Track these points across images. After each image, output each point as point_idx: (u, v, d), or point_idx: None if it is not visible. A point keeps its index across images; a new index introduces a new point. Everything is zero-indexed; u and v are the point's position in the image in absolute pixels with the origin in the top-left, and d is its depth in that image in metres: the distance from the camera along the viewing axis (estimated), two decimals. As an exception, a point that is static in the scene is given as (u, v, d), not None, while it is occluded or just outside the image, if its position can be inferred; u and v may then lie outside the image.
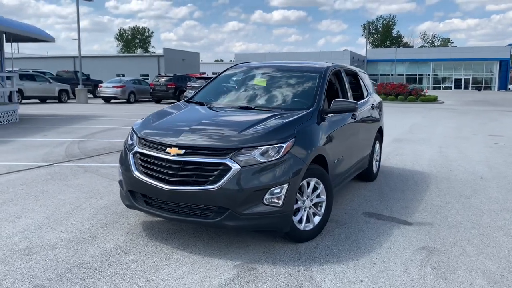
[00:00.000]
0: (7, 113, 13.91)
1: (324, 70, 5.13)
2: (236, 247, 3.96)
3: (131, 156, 4.08)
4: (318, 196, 4.22)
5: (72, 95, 27.12)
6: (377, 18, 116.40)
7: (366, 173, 6.42)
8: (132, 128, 4.35)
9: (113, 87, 26.15)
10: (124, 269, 3.50)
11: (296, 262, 3.71)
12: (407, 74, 72.26)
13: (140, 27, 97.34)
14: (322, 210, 4.27)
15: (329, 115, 4.64)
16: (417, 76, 72.56)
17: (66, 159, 7.95)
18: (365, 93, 6.40)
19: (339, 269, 3.60)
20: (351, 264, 3.71)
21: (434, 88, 69.43)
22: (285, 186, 3.68)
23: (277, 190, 3.67)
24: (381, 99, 7.41)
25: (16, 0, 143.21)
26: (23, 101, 23.65)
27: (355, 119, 5.36)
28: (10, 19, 15.38)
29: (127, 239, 4.10)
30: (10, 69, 20.04)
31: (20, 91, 22.83)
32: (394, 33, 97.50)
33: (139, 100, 27.89)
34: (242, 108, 4.65)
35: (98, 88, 27.29)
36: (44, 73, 29.21)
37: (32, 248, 3.87)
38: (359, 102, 5.71)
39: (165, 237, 4.16)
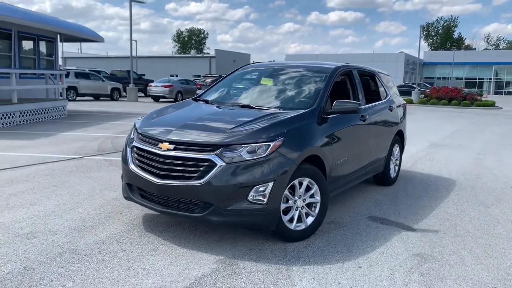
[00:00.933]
0: (56, 108, 14.78)
1: (331, 70, 5.07)
2: (224, 243, 4.02)
3: (129, 150, 4.25)
4: (312, 196, 4.19)
5: (124, 93, 28.27)
6: (437, 20, 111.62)
7: (382, 177, 6.25)
8: (134, 124, 4.53)
9: (162, 86, 27.01)
10: (111, 257, 3.66)
11: (279, 260, 3.71)
12: (466, 78, 68.95)
13: (196, 29, 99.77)
14: (316, 211, 4.23)
15: (331, 115, 4.59)
16: (477, 80, 69.03)
17: (96, 152, 8.36)
18: (383, 95, 6.24)
19: (321, 270, 3.56)
20: (335, 266, 3.66)
21: (496, 93, 65.77)
22: (270, 184, 3.70)
23: (262, 188, 3.69)
24: (405, 102, 7.18)
25: (84, 3, 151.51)
26: (78, 98, 24.96)
27: (364, 120, 5.26)
28: (64, 20, 16.35)
29: (124, 229, 4.28)
30: (66, 68, 21.22)
31: (74, 89, 24.17)
32: (456, 35, 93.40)
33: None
34: (243, 106, 4.70)
35: (148, 87, 28.28)
36: (98, 72, 30.66)
37: (34, 233, 4.13)
38: (370, 104, 5.59)
39: (160, 230, 4.29)
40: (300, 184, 4.07)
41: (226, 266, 3.56)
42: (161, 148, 3.86)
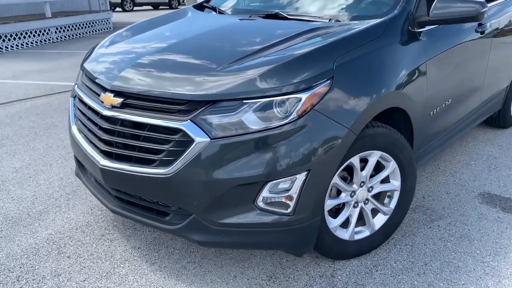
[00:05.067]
0: (99, 22, 13.33)
1: None
2: (237, 259, 2.37)
3: (71, 101, 2.57)
4: (386, 180, 2.33)
5: (183, 1, 26.29)
6: None
7: (499, 117, 4.09)
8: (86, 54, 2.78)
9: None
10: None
11: (318, 312, 2.01)
12: None
13: None
14: (392, 205, 2.39)
15: (426, 28, 2.52)
16: None
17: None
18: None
19: None
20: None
21: None
22: (301, 176, 1.88)
23: (284, 185, 1.89)
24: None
25: None
26: (135, 8, 23.53)
27: (483, 32, 3.07)
28: None
29: (84, 221, 2.76)
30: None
31: (130, -2, 22.67)
32: None
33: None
34: (268, 16, 2.73)
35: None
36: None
37: (-50, 227, 2.74)
38: (490, 4, 3.33)
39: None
40: (364, 162, 2.21)
41: (216, 327, 1.94)
42: (102, 102, 2.13)
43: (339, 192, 2.23)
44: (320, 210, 2.03)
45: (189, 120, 1.86)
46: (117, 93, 2.07)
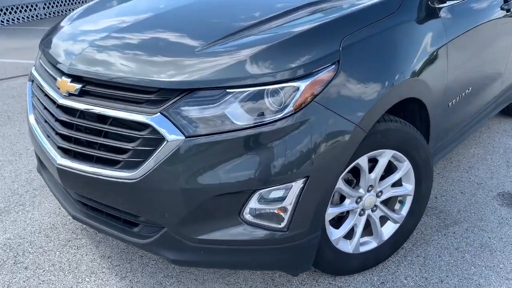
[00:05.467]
0: (90, -3, 12.77)
1: None
2: (221, 274, 2.03)
3: (28, 85, 2.19)
4: (398, 184, 1.98)
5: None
6: None
7: (516, 105, 3.73)
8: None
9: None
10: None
11: None
12: None
13: None
14: (404, 211, 2.04)
15: (447, 3, 2.13)
16: None
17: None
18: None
19: None
20: None
21: None
22: (297, 184, 1.53)
23: (277, 194, 1.54)
24: None
25: None
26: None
27: (508, 10, 2.68)
28: None
29: (48, 223, 2.42)
30: None
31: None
32: None
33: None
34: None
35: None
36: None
37: None
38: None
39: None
40: (373, 162, 1.85)
41: None
42: (59, 89, 1.75)
43: (342, 198, 1.88)
44: (320, 223, 1.68)
45: (159, 113, 1.49)
46: (76, 78, 1.70)
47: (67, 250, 2.20)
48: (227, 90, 1.48)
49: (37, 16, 10.77)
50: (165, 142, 1.48)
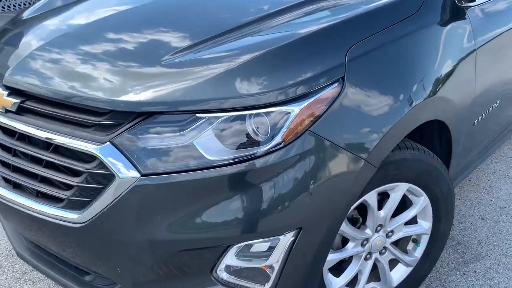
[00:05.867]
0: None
1: None
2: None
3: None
4: (413, 221, 1.64)
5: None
6: None
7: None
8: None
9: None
10: None
11: None
12: None
13: None
14: (417, 253, 1.70)
15: (477, 1, 1.77)
16: None
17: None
18: None
19: None
20: None
21: None
22: (285, 239, 1.18)
23: (260, 248, 1.20)
24: None
25: None
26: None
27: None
28: None
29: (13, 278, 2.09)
30: None
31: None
32: None
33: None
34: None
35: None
36: None
37: None
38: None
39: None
40: (383, 197, 1.51)
41: None
42: (-4, 104, 1.42)
43: (345, 240, 1.54)
44: (316, 281, 1.34)
45: (108, 142, 1.15)
46: (14, 92, 1.36)
47: (21, 285, 1.88)
48: (197, 115, 1.14)
49: (14, 6, 10.40)
50: (115, 179, 1.14)
